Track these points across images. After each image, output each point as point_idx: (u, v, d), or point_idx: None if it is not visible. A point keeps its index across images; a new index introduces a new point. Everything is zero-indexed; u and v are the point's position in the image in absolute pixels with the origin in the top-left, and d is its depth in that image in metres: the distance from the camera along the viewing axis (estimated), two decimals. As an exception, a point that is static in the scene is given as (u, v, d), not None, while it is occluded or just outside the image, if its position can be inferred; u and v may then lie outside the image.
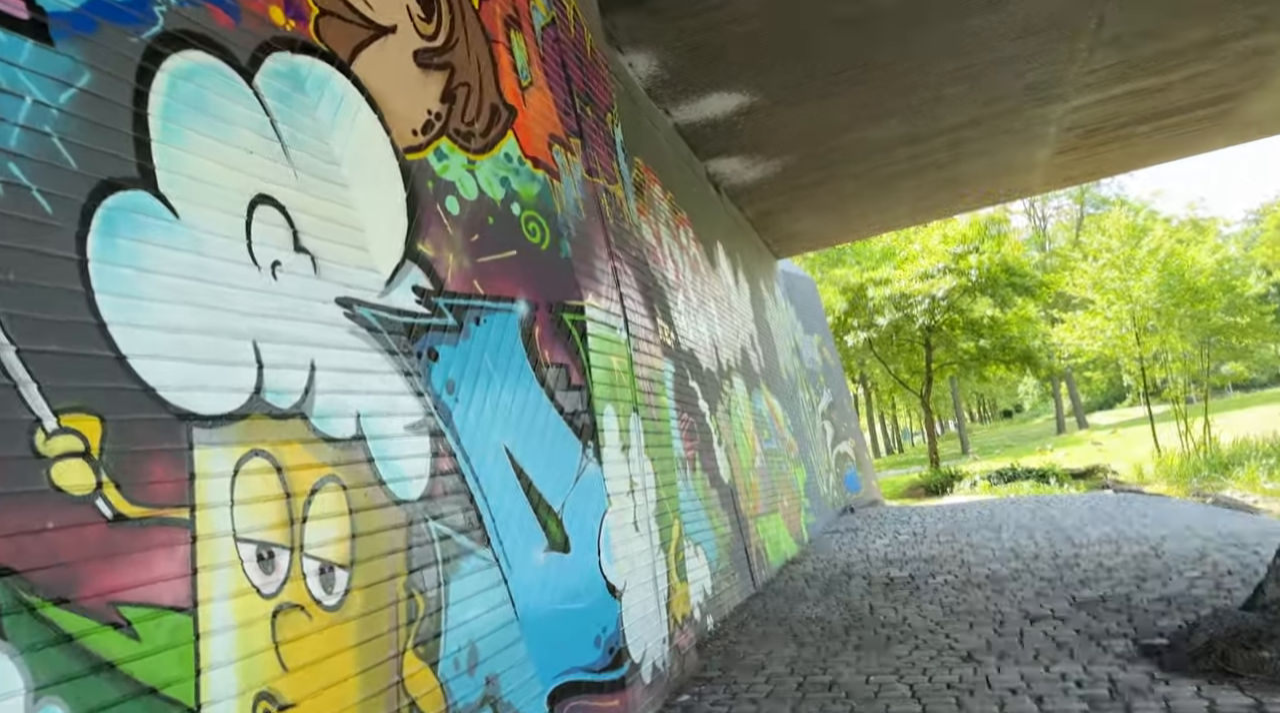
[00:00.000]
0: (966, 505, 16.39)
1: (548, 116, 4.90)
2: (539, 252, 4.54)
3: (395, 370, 3.59)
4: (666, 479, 5.87)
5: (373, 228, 3.68)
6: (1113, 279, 25.31)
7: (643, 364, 5.76)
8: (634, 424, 5.31)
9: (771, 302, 15.82)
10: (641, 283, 6.14)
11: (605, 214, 5.50)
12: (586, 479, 4.55)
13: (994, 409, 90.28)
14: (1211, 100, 13.21)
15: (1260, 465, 21.56)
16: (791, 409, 14.68)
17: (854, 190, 14.80)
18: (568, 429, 4.50)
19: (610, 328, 5.16)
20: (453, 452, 3.80)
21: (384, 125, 3.85)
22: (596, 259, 5.15)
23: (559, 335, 4.56)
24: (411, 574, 3.40)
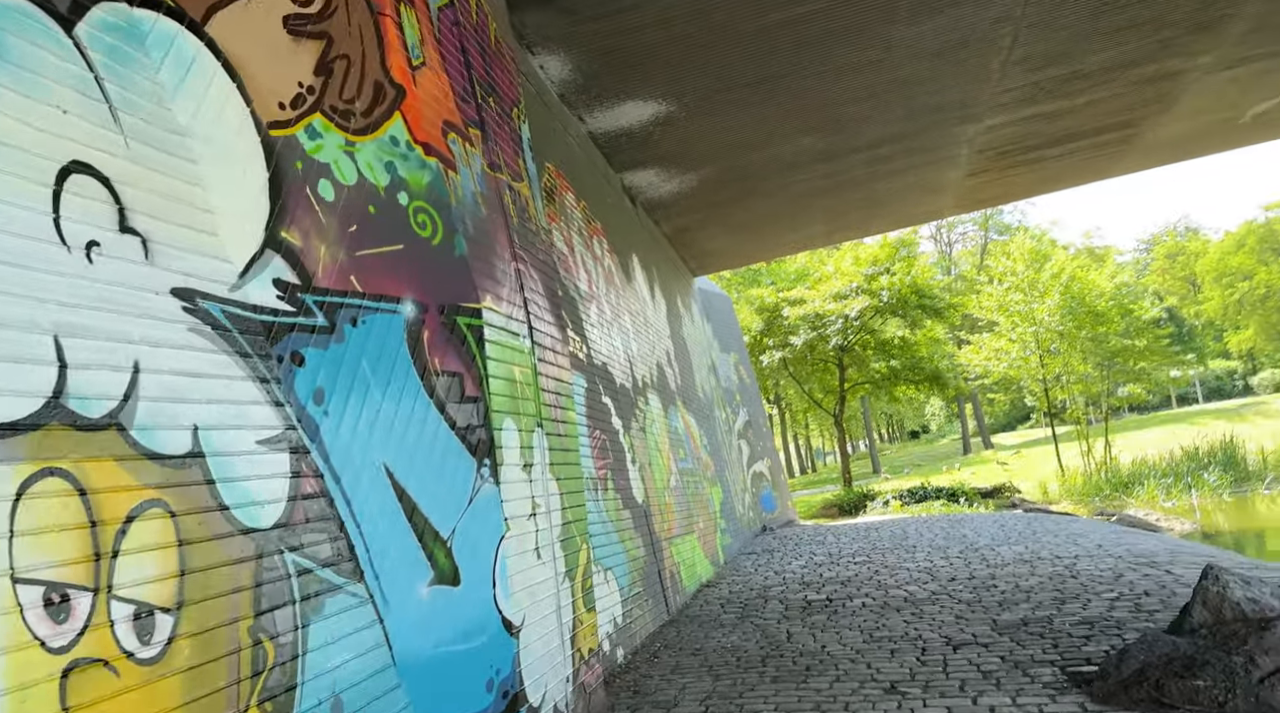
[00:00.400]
0: (880, 525, 16.34)
1: (442, 102, 4.44)
2: (429, 247, 4.07)
3: (248, 376, 3.07)
4: (574, 500, 5.42)
5: (225, 210, 3.17)
6: (1017, 302, 25.98)
7: (549, 376, 5.32)
8: (538, 440, 4.85)
9: (688, 318, 15.56)
10: (549, 289, 5.71)
11: (509, 212, 5.06)
12: (481, 502, 4.08)
13: (902, 430, 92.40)
14: (1117, 125, 13.52)
15: (1159, 485, 22.28)
16: (708, 428, 14.40)
17: (770, 208, 14.68)
18: (460, 446, 4.03)
19: (512, 335, 4.71)
20: (319, 471, 3.29)
21: (244, 95, 3.35)
22: (497, 259, 4.70)
23: (452, 341, 4.09)
24: (260, 617, 2.87)
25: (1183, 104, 12.98)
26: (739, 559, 12.76)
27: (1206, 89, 12.57)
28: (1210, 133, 14.78)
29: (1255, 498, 21.10)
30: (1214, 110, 13.65)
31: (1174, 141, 14.86)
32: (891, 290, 22.20)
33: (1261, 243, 54.37)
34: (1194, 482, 21.94)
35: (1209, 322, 55.42)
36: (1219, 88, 12.63)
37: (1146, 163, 16.02)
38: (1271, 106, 13.86)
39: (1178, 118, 13.59)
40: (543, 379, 5.11)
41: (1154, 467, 24.18)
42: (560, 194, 8.31)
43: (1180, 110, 13.24)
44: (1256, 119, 14.40)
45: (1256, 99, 13.40)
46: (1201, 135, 14.80)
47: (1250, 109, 13.85)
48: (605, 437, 7.63)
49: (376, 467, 3.57)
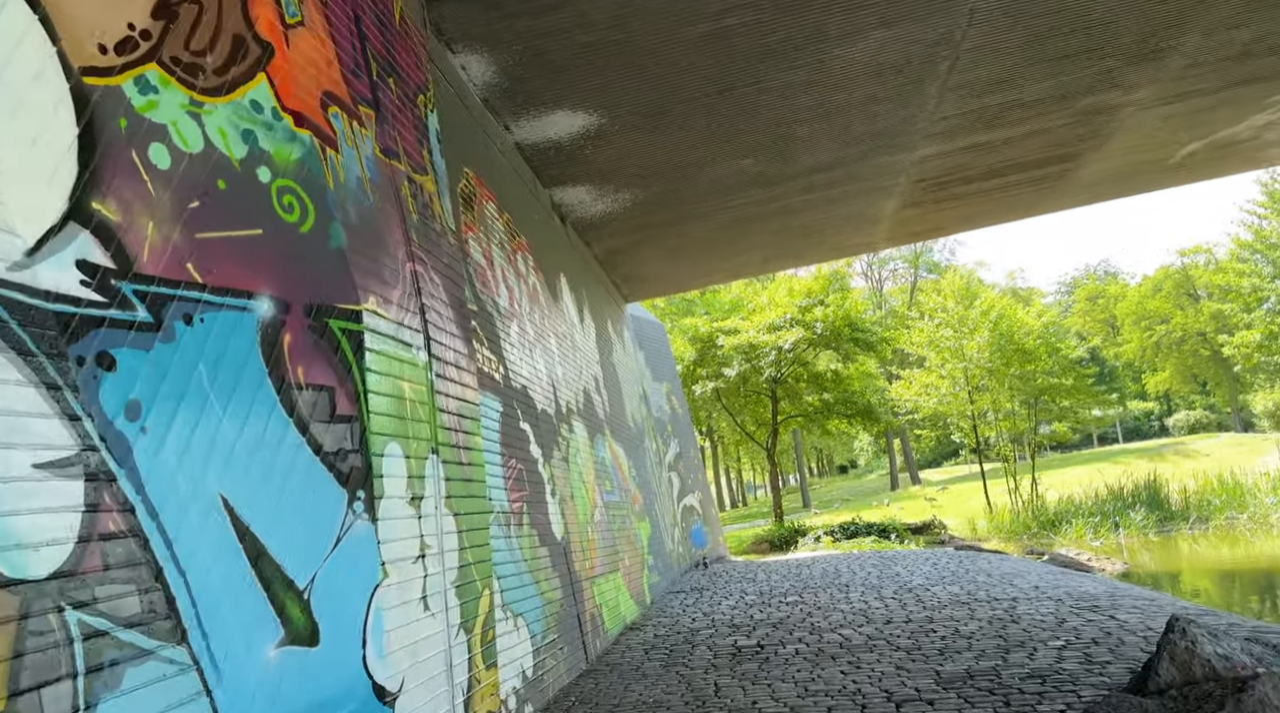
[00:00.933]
0: (812, 561, 15.89)
1: (324, 70, 3.80)
2: (296, 234, 3.41)
3: (27, 381, 2.37)
4: (476, 539, 4.75)
5: (14, 171, 2.48)
6: (947, 338, 26.09)
7: (450, 395, 4.67)
8: (433, 469, 4.19)
9: (620, 345, 14.99)
10: (455, 299, 5.07)
11: (406, 207, 4.42)
12: (352, 542, 3.40)
13: (831, 465, 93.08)
14: (1052, 159, 13.47)
15: (1086, 523, 22.38)
16: (637, 459, 13.79)
17: (705, 233, 14.26)
18: (326, 474, 3.35)
19: (403, 346, 4.06)
20: (128, 504, 2.59)
21: (49, 30, 2.67)
22: (387, 257, 4.06)
23: (321, 348, 3.42)
24: (18, 697, 2.16)
25: (1118, 140, 12.99)
26: (667, 599, 12.12)
27: (1141, 125, 12.59)
28: (1142, 172, 14.88)
29: (1179, 537, 21.29)
30: (1147, 149, 13.72)
31: (1107, 179, 14.92)
32: (825, 322, 22.01)
33: (1177, 288, 56.32)
34: (1121, 521, 22.07)
35: (1128, 363, 57.04)
36: (1153, 126, 12.67)
37: (1079, 199, 16.10)
38: (1201, 147, 14.00)
39: (1112, 154, 13.61)
40: (441, 399, 4.45)
41: (1080, 505, 24.33)
42: (480, 203, 7.69)
43: (1115, 147, 13.26)
44: (1186, 160, 14.56)
45: (1188, 139, 13.50)
46: (1134, 173, 14.89)
47: (1181, 149, 13.97)
48: (522, 466, 6.97)
49: (211, 499, 2.88)
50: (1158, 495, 23.79)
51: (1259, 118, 13.11)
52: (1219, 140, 13.92)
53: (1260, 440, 33.16)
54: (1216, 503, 22.92)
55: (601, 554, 9.31)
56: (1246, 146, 14.46)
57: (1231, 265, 28.11)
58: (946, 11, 8.84)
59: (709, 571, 15.63)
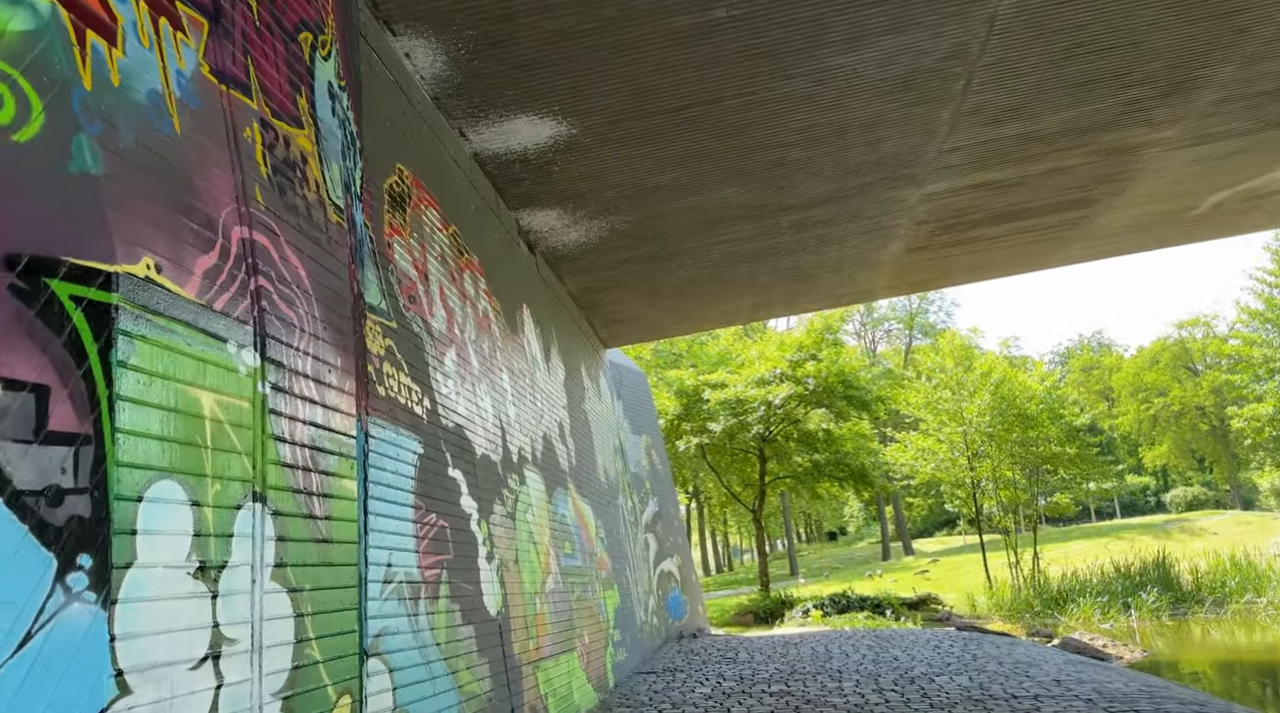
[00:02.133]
0: (800, 639, 14.40)
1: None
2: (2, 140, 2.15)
3: None
4: (332, 625, 3.42)
5: None
6: (945, 400, 24.88)
7: (300, 419, 3.38)
8: (252, 524, 2.87)
9: (594, 391, 13.71)
10: (327, 292, 3.80)
11: (248, 155, 3.18)
12: (57, 639, 2.06)
13: (820, 530, 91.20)
14: (1068, 204, 12.42)
15: (1094, 604, 20.90)
16: (608, 518, 12.42)
17: (689, 274, 13.10)
18: (19, 529, 2.03)
19: (207, 339, 2.78)
20: None
21: None
22: (194, 210, 2.80)
23: (27, 324, 2.14)
24: None
25: (1140, 185, 11.96)
26: (633, 681, 10.64)
27: (1167, 169, 11.57)
28: (1164, 223, 13.85)
29: (1195, 622, 19.82)
30: (1170, 197, 12.70)
31: (1126, 230, 13.88)
32: (818, 377, 20.80)
33: (1175, 360, 55.45)
34: (1133, 603, 20.59)
35: (1124, 436, 55.89)
36: (1179, 170, 11.64)
37: (1094, 252, 15.03)
38: (1228, 197, 12.99)
39: (1133, 202, 12.58)
40: (280, 423, 3.16)
41: (1085, 583, 22.86)
42: (416, 207, 6.49)
43: (1137, 193, 12.23)
44: (1211, 212, 13.54)
45: (1215, 187, 12.49)
46: (1155, 224, 13.85)
47: (1206, 199, 12.96)
48: (446, 523, 5.64)
49: None
50: (1167, 575, 22.36)
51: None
52: (1246, 191, 12.92)
53: (1269, 519, 31.81)
54: (1232, 585, 21.49)
55: (553, 631, 7.90)
56: (1273, 201, 13.47)
57: (1242, 335, 27.12)
58: (963, 17, 7.79)
59: (683, 647, 14.11)
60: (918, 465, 25.62)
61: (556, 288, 12.11)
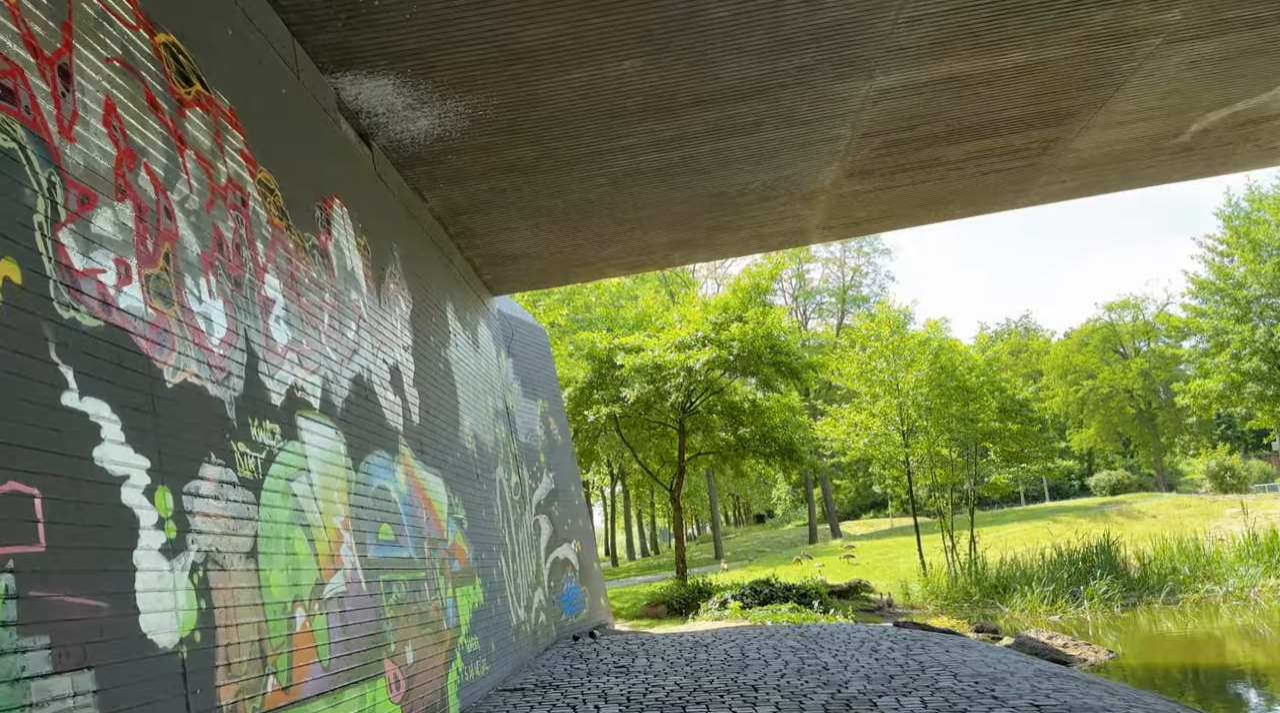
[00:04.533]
0: (712, 639, 12.13)
1: None
2: None
3: None
4: None
5: None
6: (881, 370, 22.93)
7: None
8: None
9: (466, 340, 11.16)
10: None
11: None
12: None
13: (748, 513, 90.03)
14: (1041, 118, 10.26)
15: (1040, 593, 19.18)
16: (476, 495, 9.92)
17: (586, 194, 10.62)
18: None
19: None
20: None
21: None
22: None
23: None
24: None
25: (1126, 95, 9.86)
26: (488, 703, 8.18)
27: (1160, 73, 9.48)
28: (1141, 153, 11.83)
29: (1152, 613, 18.21)
30: (1156, 116, 10.65)
31: (1098, 161, 11.82)
32: (743, 340, 18.55)
33: (1104, 343, 55.04)
34: (1085, 592, 18.90)
35: (1053, 418, 55.32)
36: (1174, 75, 9.57)
37: (1057, 190, 12.96)
38: (1220, 120, 11.01)
39: (1113, 119, 10.49)
40: None
41: (1026, 569, 21.19)
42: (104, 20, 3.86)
43: (1120, 107, 10.13)
44: (1198, 139, 11.57)
45: (1209, 103, 10.47)
46: (1131, 155, 11.82)
47: (1197, 120, 10.95)
48: (36, 492, 3.09)
49: None
50: (1113, 561, 20.79)
51: (1301, 80, 10.14)
52: (1240, 113, 10.93)
53: (1207, 503, 30.85)
54: (1185, 572, 20.00)
55: (334, 655, 5.38)
56: (1267, 128, 11.54)
57: (1190, 307, 25.76)
58: None
59: (573, 651, 11.71)
60: (849, 441, 23.66)
61: (411, 201, 9.50)
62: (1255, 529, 21.90)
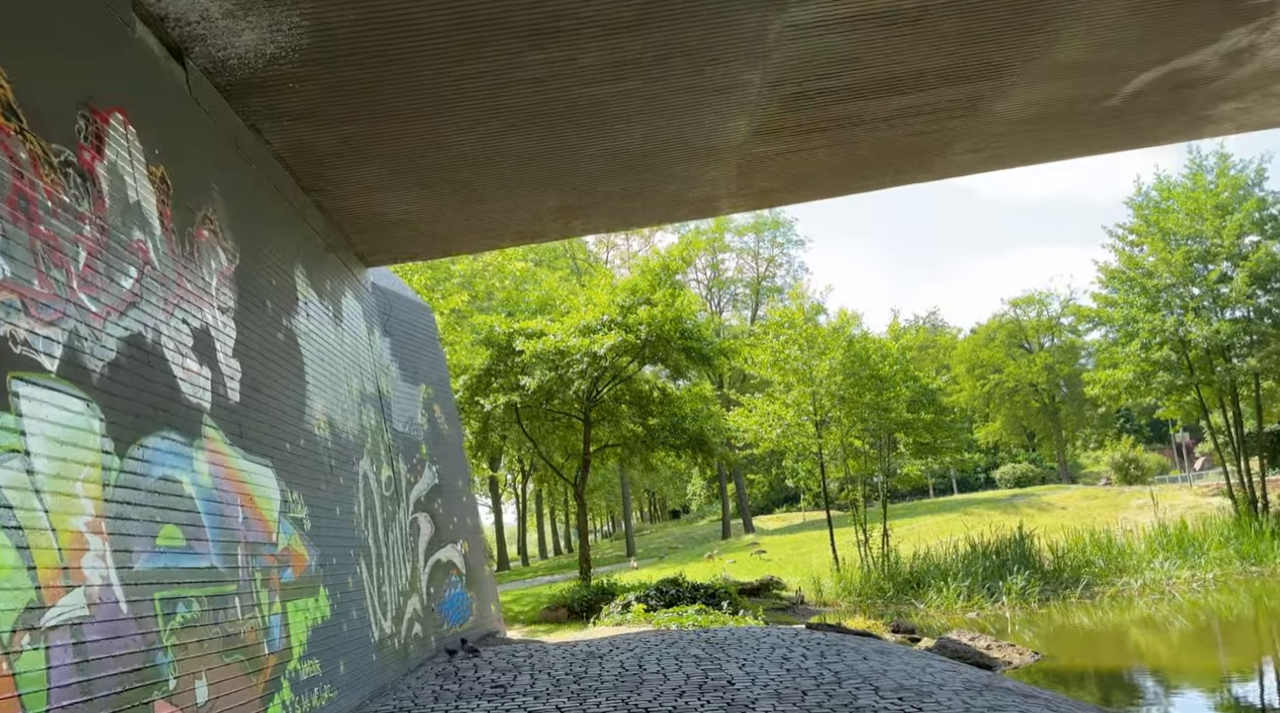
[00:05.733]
0: (610, 647, 10.90)
1: None
2: None
3: None
4: None
5: None
6: (795, 358, 22.06)
7: None
8: None
9: (324, 310, 9.65)
10: None
11: None
12: None
13: (664, 509, 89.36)
14: (971, 70, 9.32)
15: (955, 588, 18.54)
16: (324, 490, 8.44)
17: (464, 140, 9.22)
18: None
19: None
20: None
21: None
22: None
23: None
24: None
25: (1063, 45, 8.97)
26: (324, 742, 6.76)
27: (1100, 18, 8.61)
28: (1068, 118, 11.01)
29: (1071, 608, 17.72)
30: (1090, 73, 9.82)
31: (1023, 124, 10.96)
32: (650, 324, 17.38)
33: (1010, 337, 55.89)
34: (1005, 587, 18.32)
35: (961, 411, 55.94)
36: (1115, 22, 8.72)
37: (979, 158, 12.07)
38: (1151, 82, 10.24)
39: (1044, 75, 9.60)
40: None
41: (940, 563, 20.60)
42: None
43: (1056, 58, 9.23)
44: (1129, 103, 10.81)
45: (1145, 60, 9.68)
46: (1058, 118, 10.99)
47: (1131, 80, 10.17)
48: None
49: None
50: (1027, 554, 20.34)
51: (1237, 36, 9.42)
52: (1176, 73, 10.17)
53: (1115, 494, 31.11)
54: (1100, 564, 19.66)
55: (63, 702, 3.93)
56: (1201, 94, 10.85)
57: (1100, 296, 25.69)
58: None
59: (449, 667, 10.33)
60: (762, 432, 22.74)
61: (245, 138, 7.97)
62: (1165, 520, 21.80)
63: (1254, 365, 22.85)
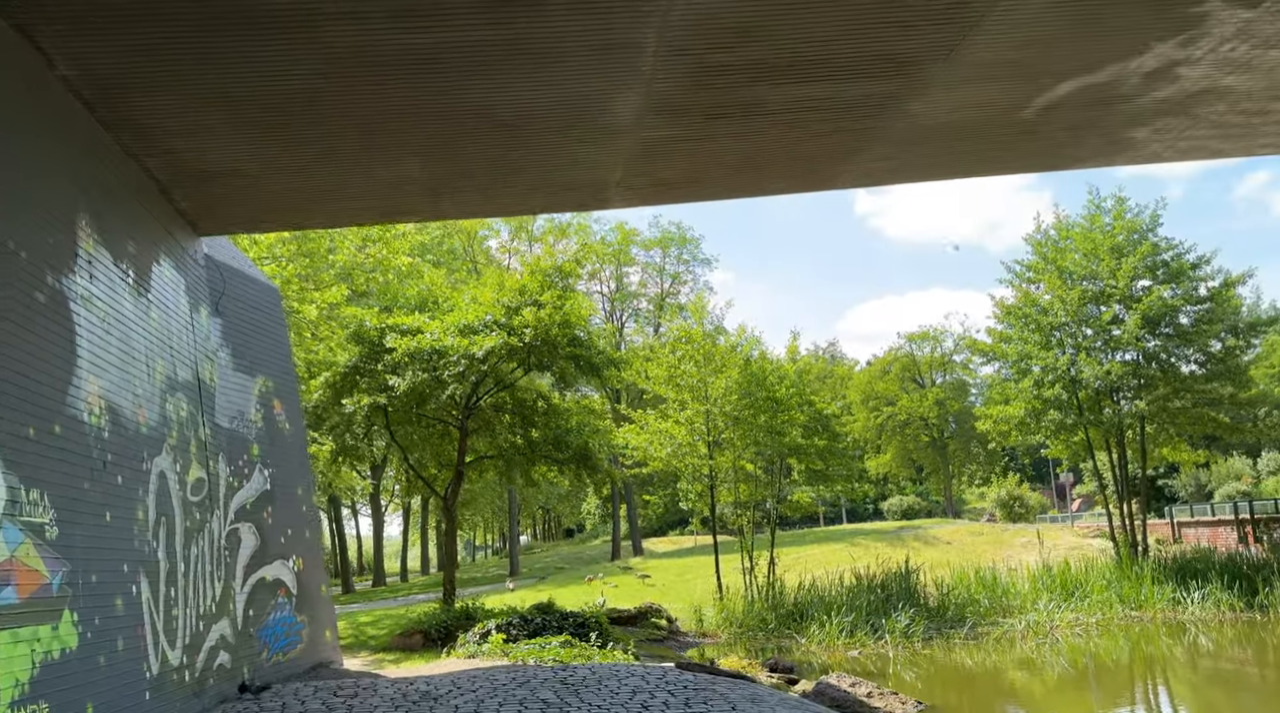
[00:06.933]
0: (448, 689, 9.50)
1: None
2: None
3: None
4: None
5: None
6: (690, 374, 21.09)
7: None
8: None
9: (118, 275, 8.04)
10: None
11: None
12: None
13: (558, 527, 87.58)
14: (883, 61, 8.42)
15: (838, 625, 17.71)
16: (85, 490, 6.85)
17: (298, 81, 7.81)
18: None
19: None
20: None
21: None
22: None
23: None
24: None
25: (976, 42, 8.14)
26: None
27: (1016, 20, 7.84)
28: (982, 128, 10.28)
29: (952, 647, 17.09)
30: (1007, 78, 9.06)
31: (935, 133, 10.17)
32: (537, 327, 16.08)
33: (904, 371, 56.58)
34: (886, 624, 17.59)
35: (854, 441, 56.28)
36: (1032, 23, 7.96)
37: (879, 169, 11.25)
38: (1068, 93, 9.54)
39: (956, 76, 8.77)
40: None
41: (824, 594, 19.83)
42: None
43: (967, 56, 8.41)
44: (1041, 117, 10.13)
45: (1063, 70, 8.97)
46: (966, 131, 10.24)
47: (1050, 89, 9.46)
48: None
49: None
50: (912, 590, 19.74)
51: (1162, 51, 8.80)
52: (1094, 87, 9.49)
53: (999, 531, 31.17)
54: (985, 603, 19.19)
55: None
56: (1118, 114, 10.24)
57: (994, 331, 25.61)
58: None
59: (258, 706, 8.76)
60: (652, 451, 21.66)
61: (11, 52, 6.39)
62: (1048, 559, 21.59)
63: (1141, 408, 23.00)
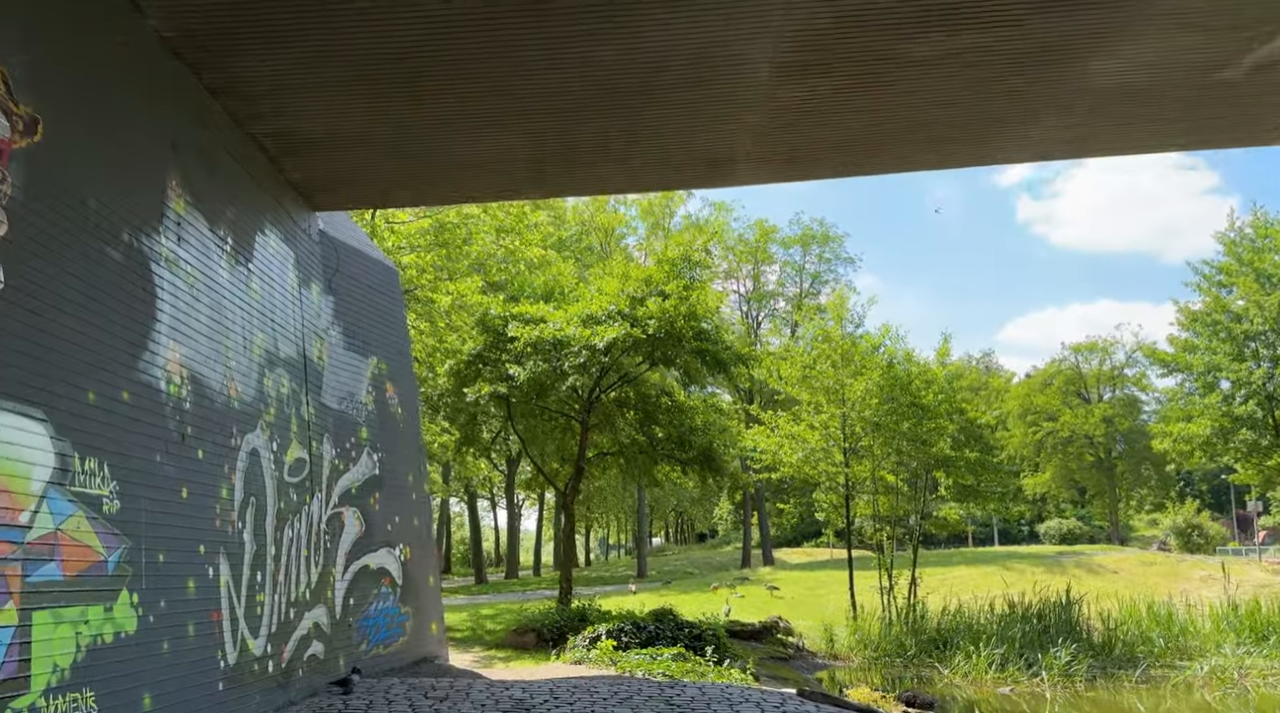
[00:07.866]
0: (546, 698, 8.77)
1: None
2: None
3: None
4: None
5: None
6: (826, 375, 19.75)
7: None
8: None
9: (216, 241, 7.72)
10: None
11: None
12: None
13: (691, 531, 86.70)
14: None
15: (988, 657, 16.04)
16: (160, 463, 6.48)
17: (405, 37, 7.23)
18: None
19: None
20: None
21: None
22: None
23: None
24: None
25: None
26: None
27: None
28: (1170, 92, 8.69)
29: (1121, 691, 15.15)
30: (1210, 27, 7.54)
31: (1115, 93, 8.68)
32: (661, 318, 15.29)
33: (1068, 385, 52.59)
34: (1045, 660, 15.80)
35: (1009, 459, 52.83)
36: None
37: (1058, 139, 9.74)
38: None
39: (1150, 25, 7.34)
40: None
41: (972, 622, 18.09)
42: None
43: (1172, 5, 6.98)
44: (1250, 78, 8.46)
45: None
46: (1158, 92, 8.66)
47: (1255, 48, 7.84)
48: None
49: None
50: (1074, 623, 17.73)
51: None
52: None
53: (1174, 562, 28.13)
54: (1161, 642, 17.02)
55: None
56: None
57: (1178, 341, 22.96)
58: None
59: (340, 706, 8.28)
60: (781, 455, 20.45)
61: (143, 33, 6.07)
62: (1235, 596, 19.04)
63: (1353, 431, 20.05)
